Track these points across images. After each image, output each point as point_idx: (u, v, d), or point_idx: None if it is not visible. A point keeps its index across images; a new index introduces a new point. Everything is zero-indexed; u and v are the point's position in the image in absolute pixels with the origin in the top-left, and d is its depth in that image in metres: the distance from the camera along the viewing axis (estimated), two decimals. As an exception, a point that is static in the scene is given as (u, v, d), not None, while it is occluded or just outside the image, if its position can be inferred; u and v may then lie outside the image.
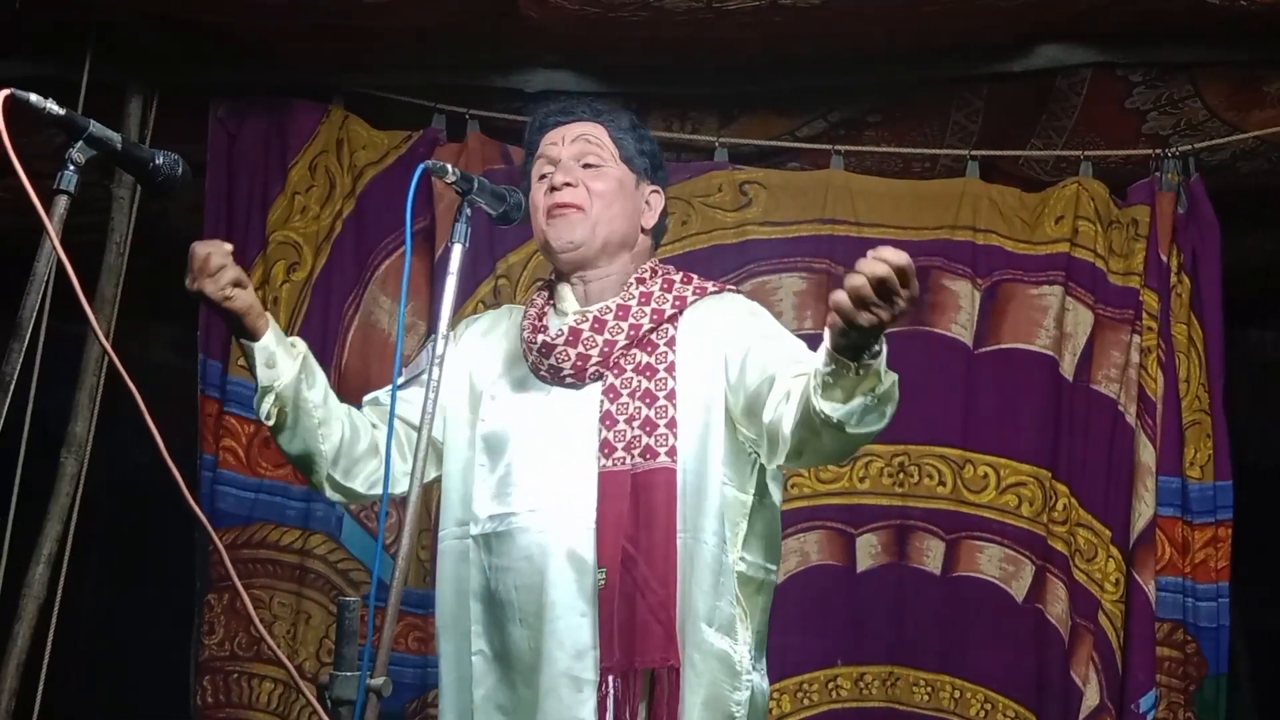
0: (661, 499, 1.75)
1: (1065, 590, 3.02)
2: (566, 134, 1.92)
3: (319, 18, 2.79)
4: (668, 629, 1.72)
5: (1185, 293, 3.11)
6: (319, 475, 1.88)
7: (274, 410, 1.81)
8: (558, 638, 1.75)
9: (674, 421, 1.77)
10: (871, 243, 3.11)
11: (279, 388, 1.79)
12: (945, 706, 3.02)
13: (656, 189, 1.97)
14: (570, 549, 1.77)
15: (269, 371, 1.79)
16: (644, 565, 1.72)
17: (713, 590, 1.75)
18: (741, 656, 1.78)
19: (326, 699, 1.46)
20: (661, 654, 1.71)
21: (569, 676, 1.74)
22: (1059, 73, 2.98)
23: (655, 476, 1.74)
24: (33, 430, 2.81)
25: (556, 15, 2.71)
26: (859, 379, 1.54)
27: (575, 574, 1.76)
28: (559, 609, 1.75)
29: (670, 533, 1.74)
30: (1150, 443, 3.05)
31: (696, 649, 1.74)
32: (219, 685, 3.00)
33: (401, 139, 3.13)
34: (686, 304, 1.88)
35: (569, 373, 1.84)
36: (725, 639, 1.76)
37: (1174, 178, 3.11)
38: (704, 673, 1.74)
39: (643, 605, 1.72)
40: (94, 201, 2.85)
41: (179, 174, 1.55)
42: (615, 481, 1.76)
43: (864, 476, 3.09)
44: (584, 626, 1.75)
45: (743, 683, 1.77)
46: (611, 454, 1.77)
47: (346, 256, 3.09)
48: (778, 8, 2.66)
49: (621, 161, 1.92)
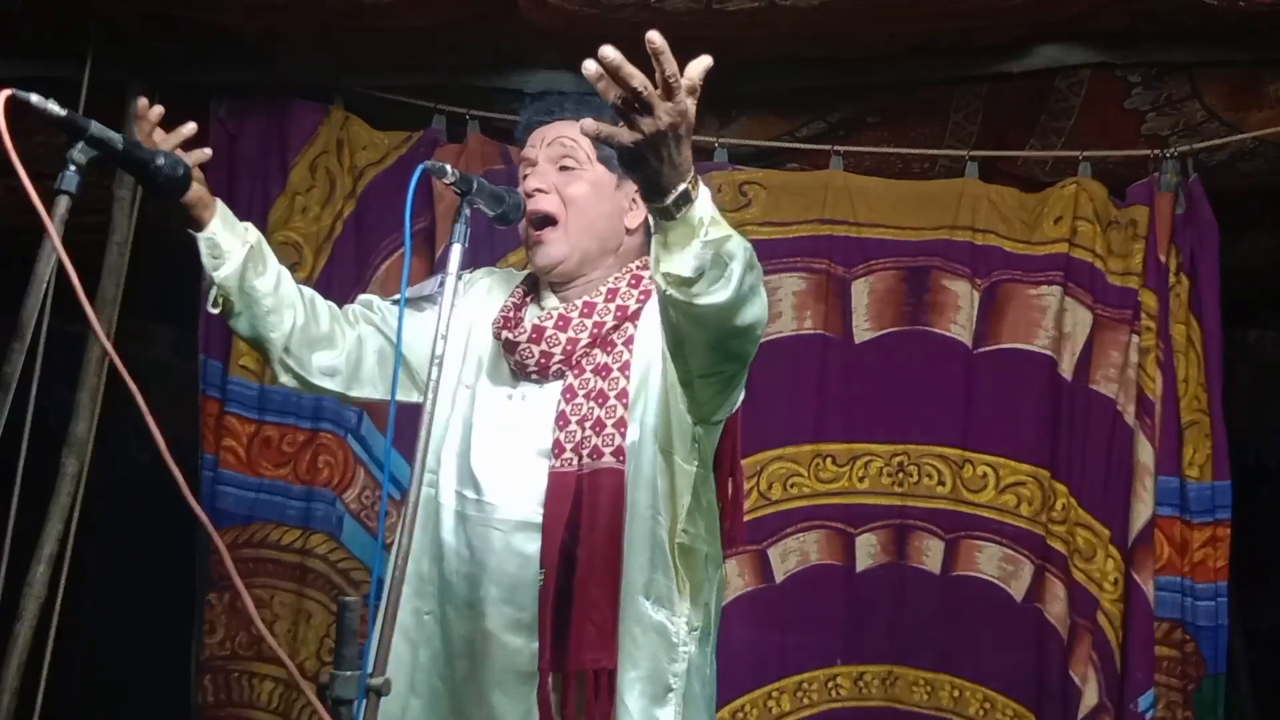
0: (606, 500, 1.74)
1: (1064, 590, 3.03)
2: (545, 135, 1.92)
3: (319, 18, 2.79)
4: (602, 630, 1.72)
5: (1184, 293, 3.11)
6: (271, 361, 1.92)
7: (220, 298, 1.84)
8: (498, 638, 1.77)
9: (623, 421, 1.76)
10: (871, 243, 3.16)
11: (220, 279, 1.82)
12: (944, 706, 3.03)
13: None
14: (515, 547, 1.78)
15: (213, 262, 1.82)
16: (585, 566, 1.72)
17: (648, 563, 1.75)
18: (679, 629, 1.77)
19: (327, 698, 1.46)
20: (594, 656, 1.71)
21: (512, 670, 1.77)
22: (1058, 73, 2.98)
23: (600, 478, 1.74)
24: (33, 430, 2.81)
25: (556, 15, 2.71)
26: (676, 225, 1.46)
27: (517, 571, 1.77)
28: (497, 605, 1.77)
29: (615, 532, 1.74)
30: (1149, 442, 3.05)
31: (636, 622, 1.75)
32: (220, 684, 3.00)
33: (402, 139, 3.14)
34: (650, 295, 1.86)
35: (534, 369, 1.85)
36: (662, 610, 1.76)
37: (1173, 178, 3.11)
38: (644, 645, 1.75)
39: (579, 607, 1.72)
40: (95, 202, 2.85)
41: (180, 174, 1.56)
42: (561, 482, 1.76)
43: (863, 476, 3.09)
44: (522, 622, 1.76)
45: (679, 654, 1.77)
46: (561, 455, 1.78)
47: (347, 257, 3.10)
48: (778, 8, 2.66)
49: (598, 162, 1.89)
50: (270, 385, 3.04)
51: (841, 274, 3.13)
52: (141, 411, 1.37)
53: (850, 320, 3.13)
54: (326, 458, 3.04)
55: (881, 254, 3.15)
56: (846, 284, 3.13)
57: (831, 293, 3.11)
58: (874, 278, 3.14)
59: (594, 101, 1.91)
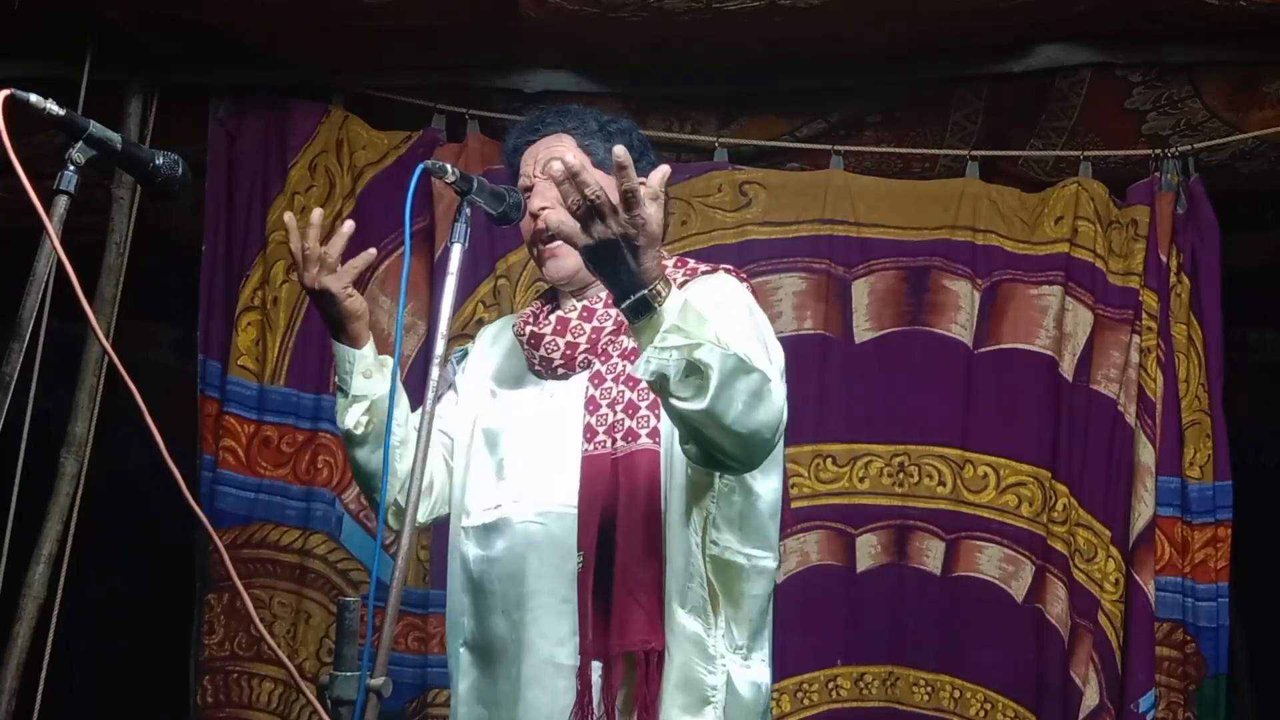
0: (643, 481, 1.72)
1: (1065, 590, 3.02)
2: (536, 156, 1.90)
3: (319, 18, 2.79)
4: (649, 611, 1.69)
5: (1185, 293, 3.11)
6: (388, 497, 1.86)
7: (364, 420, 1.82)
8: (539, 626, 1.74)
9: (656, 403, 1.73)
10: (871, 243, 3.16)
11: (375, 398, 1.80)
12: (945, 706, 3.03)
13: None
14: (551, 535, 1.76)
15: (366, 382, 1.80)
16: (625, 548, 1.70)
17: (683, 570, 1.72)
18: (715, 641, 1.74)
19: (327, 699, 1.46)
20: (641, 636, 1.69)
21: (551, 664, 1.73)
22: (1058, 73, 2.98)
23: (636, 459, 1.71)
24: (33, 430, 2.81)
25: (556, 15, 2.71)
26: (639, 329, 1.49)
27: (557, 560, 1.74)
28: (540, 596, 1.75)
29: (654, 514, 1.72)
30: (1150, 443, 3.05)
31: (670, 630, 1.72)
32: (219, 685, 3.00)
33: (401, 139, 3.14)
34: (676, 284, 1.86)
35: (560, 363, 1.84)
36: (697, 621, 1.73)
37: (1173, 178, 3.12)
38: (676, 654, 1.71)
39: (621, 588, 1.69)
40: (94, 202, 2.85)
41: (179, 174, 1.55)
42: (596, 465, 1.74)
43: (864, 476, 3.09)
44: (565, 613, 1.73)
45: (717, 666, 1.73)
46: (593, 438, 1.76)
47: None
48: (778, 8, 2.66)
49: (594, 169, 1.83)
50: (269, 385, 3.04)
51: (842, 274, 3.13)
52: (141, 411, 1.37)
53: (850, 320, 3.12)
54: (326, 458, 3.04)
55: (882, 254, 3.14)
56: (847, 284, 3.13)
57: (832, 293, 3.11)
58: (874, 277, 3.14)
59: (572, 110, 1.93)
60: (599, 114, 1.95)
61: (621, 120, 1.97)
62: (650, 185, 1.51)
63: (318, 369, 3.03)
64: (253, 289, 3.08)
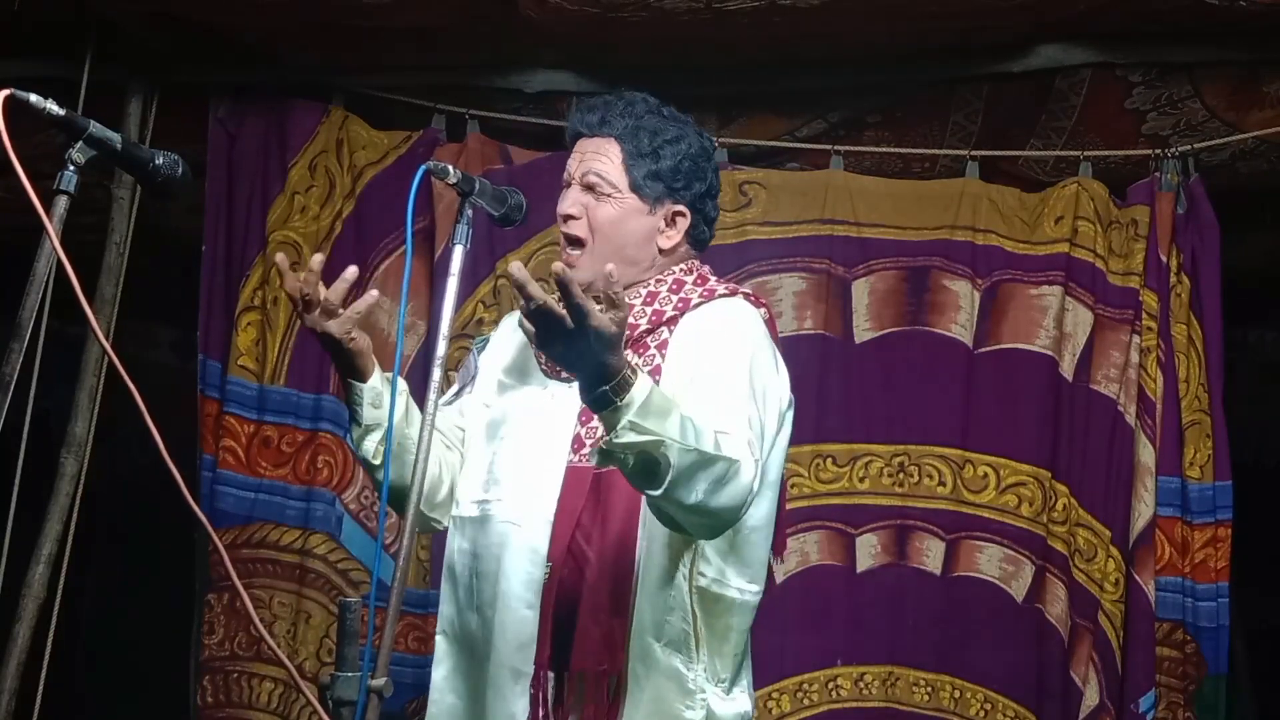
0: (622, 502, 1.71)
1: (1065, 590, 3.03)
2: (584, 151, 1.87)
3: (319, 18, 2.79)
4: (605, 634, 1.69)
5: (1185, 293, 3.11)
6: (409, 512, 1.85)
7: (379, 449, 1.82)
8: (504, 628, 1.75)
9: None
10: (871, 243, 3.16)
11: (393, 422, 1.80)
12: (945, 706, 3.03)
13: (682, 209, 1.85)
14: (526, 540, 1.76)
15: (375, 411, 1.80)
16: (595, 566, 1.70)
17: (662, 603, 1.71)
18: (696, 676, 1.73)
19: (328, 699, 1.46)
20: (595, 660, 1.69)
21: (510, 668, 1.74)
22: (1058, 73, 2.98)
23: (618, 478, 1.66)
24: (33, 430, 2.81)
25: (556, 15, 2.71)
26: (605, 416, 1.50)
27: (528, 565, 1.74)
28: (509, 599, 1.75)
29: (628, 538, 1.71)
30: (1150, 443, 3.05)
31: (640, 661, 1.71)
32: (219, 685, 3.00)
33: (401, 139, 3.14)
34: (690, 306, 1.83)
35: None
36: (676, 655, 1.72)
37: (1173, 178, 3.11)
38: (647, 687, 1.71)
39: (584, 607, 1.69)
40: (94, 202, 2.85)
41: (179, 174, 1.55)
42: (578, 477, 1.74)
43: (864, 476, 3.09)
44: (529, 620, 1.73)
45: (696, 701, 1.72)
46: (580, 450, 1.76)
47: (346, 257, 3.07)
48: (778, 8, 2.66)
49: (630, 191, 1.83)
50: (269, 385, 3.04)
51: (842, 274, 3.13)
52: (141, 411, 1.37)
53: (850, 320, 3.12)
54: (326, 458, 3.04)
55: (882, 254, 3.14)
56: (847, 284, 3.13)
57: (832, 292, 3.11)
58: (874, 277, 3.14)
59: (636, 109, 1.87)
60: (660, 124, 1.86)
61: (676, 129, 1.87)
62: (596, 290, 1.52)
63: (318, 369, 3.03)
64: (253, 289, 3.08)
